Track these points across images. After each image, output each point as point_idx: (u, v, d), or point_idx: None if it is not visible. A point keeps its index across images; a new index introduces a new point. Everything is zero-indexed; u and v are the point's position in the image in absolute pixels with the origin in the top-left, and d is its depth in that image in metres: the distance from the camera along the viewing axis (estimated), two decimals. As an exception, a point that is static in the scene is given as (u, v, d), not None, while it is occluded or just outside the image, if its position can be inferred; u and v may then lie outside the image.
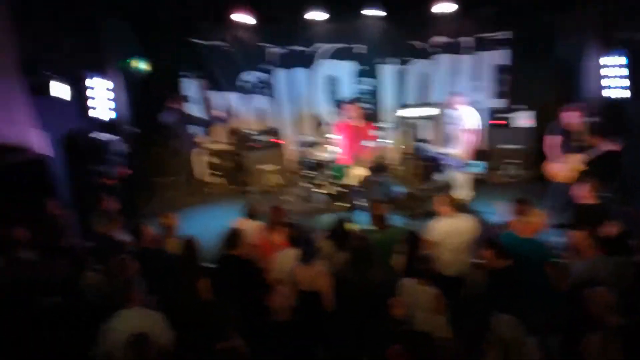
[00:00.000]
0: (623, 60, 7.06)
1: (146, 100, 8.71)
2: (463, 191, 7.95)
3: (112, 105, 7.64)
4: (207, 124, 9.20)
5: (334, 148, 8.12)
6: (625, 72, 7.09)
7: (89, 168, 7.03)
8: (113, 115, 7.67)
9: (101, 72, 7.48)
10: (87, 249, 5.43)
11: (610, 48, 7.20)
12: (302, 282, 4.36)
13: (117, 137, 7.48)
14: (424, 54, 8.92)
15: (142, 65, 8.44)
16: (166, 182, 9.38)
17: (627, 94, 7.17)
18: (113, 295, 4.13)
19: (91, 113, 7.35)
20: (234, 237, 4.75)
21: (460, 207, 5.11)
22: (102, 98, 7.50)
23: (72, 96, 7.05)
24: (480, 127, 7.82)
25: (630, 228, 5.84)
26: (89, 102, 7.31)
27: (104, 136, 7.37)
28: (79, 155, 6.98)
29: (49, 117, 6.45)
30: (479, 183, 8.19)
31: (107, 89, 7.53)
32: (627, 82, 7.11)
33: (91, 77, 7.31)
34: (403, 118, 8.97)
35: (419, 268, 4.23)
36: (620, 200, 7.33)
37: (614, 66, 7.18)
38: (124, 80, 7.87)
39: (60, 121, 6.87)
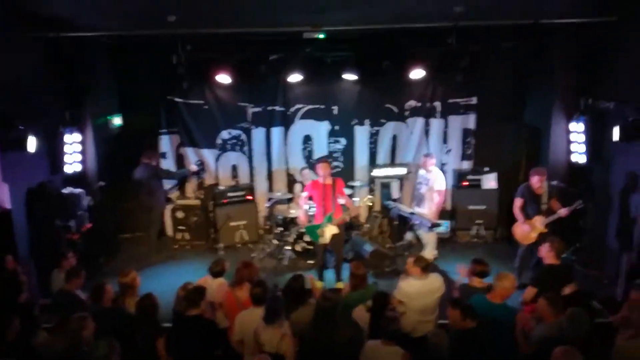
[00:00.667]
0: (582, 127, 7.40)
1: (118, 155, 8.69)
2: (430, 250, 8.05)
3: (80, 158, 7.58)
4: (182, 178, 9.19)
5: (306, 206, 8.19)
6: (583, 138, 7.42)
7: (53, 222, 6.89)
8: (80, 168, 7.60)
9: (77, 127, 7.47)
10: (44, 306, 5.24)
11: (574, 115, 7.54)
12: (266, 344, 4.25)
13: (82, 191, 7.38)
14: (397, 117, 9.20)
15: (117, 121, 8.48)
16: (133, 238, 9.24)
17: (583, 159, 7.47)
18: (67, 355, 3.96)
19: (61, 167, 7.28)
20: (195, 295, 4.61)
21: (429, 267, 5.10)
22: (72, 151, 7.45)
23: (44, 149, 7.03)
24: (445, 188, 8.04)
25: (591, 289, 5.97)
26: (62, 157, 7.26)
27: (70, 190, 7.28)
28: (44, 209, 6.86)
29: (18, 170, 6.39)
30: (445, 242, 8.28)
31: (77, 142, 7.50)
32: (584, 148, 7.43)
33: (68, 132, 7.28)
34: (375, 177, 9.13)
35: (386, 328, 4.17)
36: (582, 262, 7.49)
37: (578, 132, 7.50)
38: (95, 134, 7.85)
39: (29, 174, 6.81)
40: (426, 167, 8.00)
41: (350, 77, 8.43)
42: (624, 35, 6.83)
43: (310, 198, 7.09)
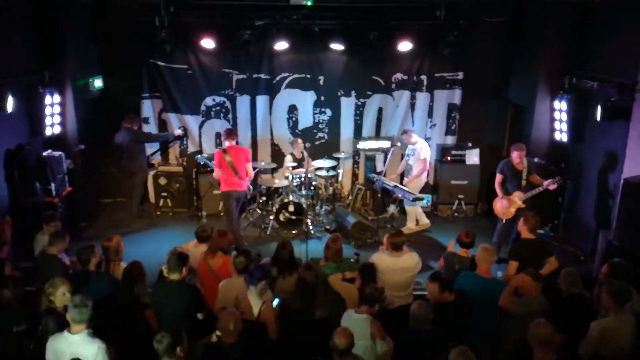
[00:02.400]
0: (565, 105, 7.47)
1: (99, 118, 8.53)
2: (412, 223, 8.17)
3: (59, 120, 7.42)
4: (165, 142, 9.06)
5: (290, 175, 8.19)
6: (565, 117, 7.49)
7: (33, 184, 6.77)
8: (59, 130, 7.44)
9: (57, 88, 7.29)
10: (25, 269, 5.21)
11: (558, 93, 7.60)
12: (246, 311, 4.29)
13: (62, 153, 7.25)
14: (384, 89, 9.16)
15: (98, 84, 8.28)
16: (114, 203, 9.16)
17: (565, 137, 7.57)
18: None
19: (41, 129, 7.12)
20: (177, 260, 4.59)
21: (401, 245, 5.14)
22: (52, 113, 7.28)
23: (23, 110, 6.85)
24: (429, 161, 8.14)
25: (568, 266, 6.11)
26: (41, 119, 7.09)
27: (50, 152, 7.14)
28: (24, 171, 6.73)
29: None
30: (426, 216, 8.39)
31: (57, 104, 7.32)
32: (566, 127, 7.51)
33: (48, 93, 7.10)
34: (360, 150, 9.14)
35: (370, 298, 4.24)
36: (559, 239, 7.67)
37: (561, 111, 7.57)
38: (75, 97, 7.67)
39: (8, 135, 6.66)
40: (409, 142, 8.07)
41: (337, 47, 8.34)
42: (608, 16, 6.84)
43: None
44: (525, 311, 4.22)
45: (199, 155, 8.51)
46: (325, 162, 8.71)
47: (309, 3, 7.42)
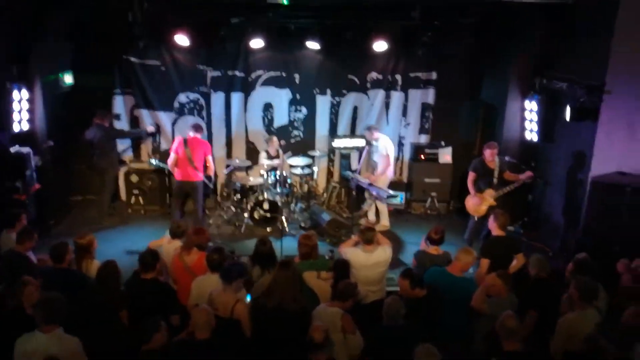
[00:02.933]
0: (536, 106, 7.62)
1: (70, 114, 8.35)
2: (385, 220, 8.25)
3: (28, 116, 7.23)
4: (137, 138, 8.94)
5: (265, 173, 8.16)
6: (536, 117, 7.65)
7: (1, 182, 6.60)
8: (27, 126, 7.26)
9: (25, 83, 7.11)
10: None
11: (529, 93, 7.76)
12: (220, 309, 4.26)
13: (30, 150, 7.07)
14: (360, 88, 9.20)
15: (68, 79, 8.09)
16: (84, 200, 8.98)
17: (535, 137, 7.73)
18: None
19: (8, 125, 6.92)
20: (149, 258, 4.54)
21: (372, 239, 5.17)
22: (19, 109, 7.09)
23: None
24: (396, 159, 8.25)
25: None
26: (9, 114, 6.88)
27: (18, 149, 6.96)
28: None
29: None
30: (400, 213, 8.48)
31: (25, 99, 7.13)
32: (536, 127, 7.67)
33: (16, 88, 6.91)
34: (335, 148, 9.17)
35: (343, 293, 4.26)
36: (529, 236, 7.83)
37: (532, 111, 7.73)
38: (44, 92, 7.48)
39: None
40: (372, 138, 8.17)
41: (313, 45, 8.34)
42: (578, 18, 7.01)
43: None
44: (496, 311, 4.29)
45: (151, 159, 8.41)
46: (300, 160, 8.71)
47: (285, 1, 7.38)
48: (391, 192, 7.88)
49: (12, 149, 6.90)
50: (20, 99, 7.04)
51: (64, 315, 3.75)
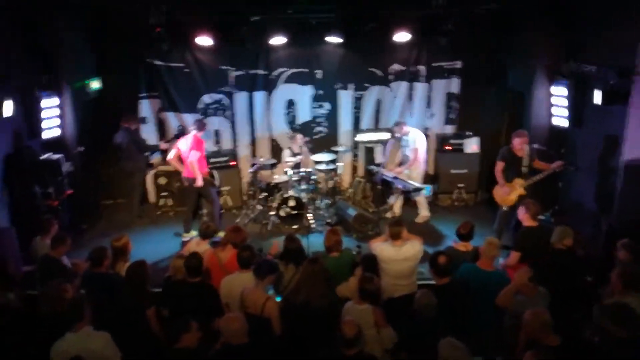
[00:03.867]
0: (565, 91, 7.43)
1: (97, 119, 8.52)
2: (424, 211, 8.18)
3: (58, 122, 7.42)
4: (153, 151, 8.98)
5: (289, 170, 8.19)
6: (565, 102, 7.46)
7: (32, 188, 6.77)
8: (58, 133, 7.44)
9: (54, 90, 7.28)
10: (27, 273, 5.21)
11: (556, 78, 7.57)
12: (250, 307, 4.29)
13: (61, 156, 7.24)
14: (382, 81, 9.13)
15: (96, 85, 8.26)
16: (115, 204, 9.16)
17: (566, 123, 7.54)
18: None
19: (39, 132, 7.11)
20: (195, 262, 4.60)
21: (400, 235, 5.12)
22: (50, 116, 7.28)
23: (21, 114, 6.85)
24: (426, 151, 8.14)
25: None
26: (39, 121, 7.07)
27: (49, 155, 7.14)
28: (22, 175, 6.73)
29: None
30: (430, 206, 8.39)
31: (55, 106, 7.32)
32: (566, 112, 7.48)
33: (45, 96, 7.10)
34: (359, 142, 9.12)
35: (363, 287, 4.25)
36: (561, 225, 7.63)
37: (560, 96, 7.54)
38: (73, 99, 7.66)
39: (6, 139, 6.65)
40: (402, 133, 8.08)
41: (334, 40, 8.29)
42: (605, 0, 6.80)
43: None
44: (523, 309, 4.19)
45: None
46: (325, 156, 8.71)
47: (305, -4, 7.39)
48: (417, 184, 7.80)
49: (44, 156, 7.08)
50: (50, 106, 7.23)
51: (89, 314, 3.86)
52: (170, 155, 7.75)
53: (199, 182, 7.53)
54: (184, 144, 7.60)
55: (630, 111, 6.28)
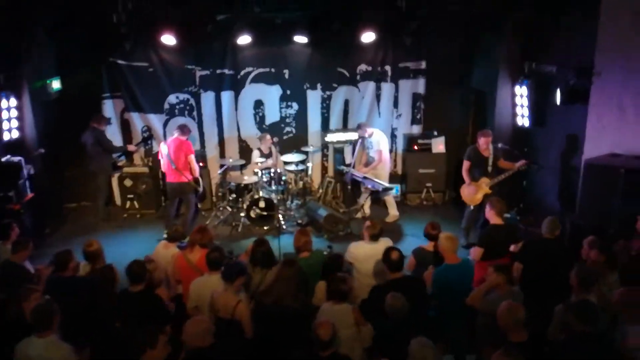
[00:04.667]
0: (527, 91, 7.62)
1: (59, 120, 8.28)
2: (393, 210, 8.25)
3: (17, 124, 7.17)
4: (121, 154, 8.77)
5: (259, 171, 8.14)
6: (526, 102, 7.65)
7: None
8: (17, 135, 7.20)
9: (13, 91, 7.04)
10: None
11: (519, 79, 7.75)
12: (221, 310, 4.24)
13: (22, 158, 7.01)
14: (350, 81, 9.17)
15: (56, 85, 8.01)
16: (79, 207, 8.92)
17: (527, 122, 7.73)
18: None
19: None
20: (137, 270, 4.45)
21: (378, 236, 5.18)
22: (8, 117, 7.03)
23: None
24: (390, 151, 8.29)
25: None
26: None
27: (9, 158, 6.90)
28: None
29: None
30: (398, 205, 8.48)
31: (13, 107, 7.07)
32: (527, 112, 7.67)
33: (4, 97, 6.85)
34: (329, 143, 9.15)
35: (335, 288, 4.25)
36: (526, 222, 7.84)
37: (522, 96, 7.72)
38: (33, 99, 7.42)
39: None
40: (365, 135, 8.13)
41: (301, 39, 8.28)
42: (565, 1, 6.99)
43: None
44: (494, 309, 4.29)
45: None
46: (294, 156, 8.69)
47: (271, -6, 7.35)
48: (386, 184, 7.88)
49: (3, 159, 6.83)
50: (8, 107, 6.98)
51: (57, 321, 3.76)
52: (164, 167, 7.62)
53: (200, 188, 7.64)
54: (166, 150, 7.44)
55: (589, 110, 6.49)
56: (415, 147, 9.07)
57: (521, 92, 7.76)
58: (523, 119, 7.85)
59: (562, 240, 5.39)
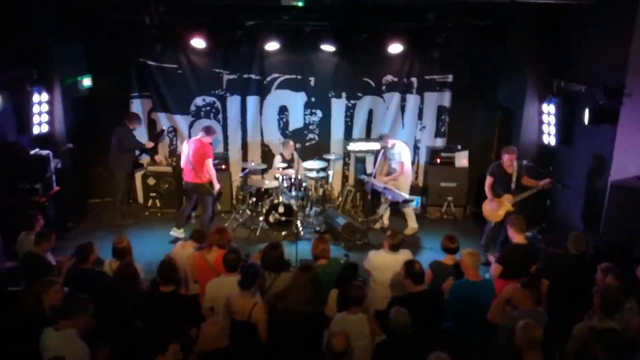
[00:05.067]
0: (554, 109, 7.52)
1: (87, 117, 8.46)
2: (412, 223, 8.19)
3: (47, 118, 7.35)
4: (138, 150, 8.76)
5: (280, 176, 8.18)
6: (554, 120, 7.55)
7: (19, 184, 6.70)
8: (47, 129, 7.37)
9: (45, 86, 7.22)
10: (10, 269, 5.13)
11: (547, 96, 7.67)
12: (237, 312, 4.26)
13: (50, 152, 7.17)
14: (375, 91, 9.18)
15: (87, 82, 8.19)
16: (102, 203, 9.07)
17: (554, 140, 7.62)
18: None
19: (28, 128, 7.03)
20: (166, 271, 4.51)
21: (399, 246, 5.15)
22: (39, 112, 7.21)
23: (11, 108, 6.77)
24: (412, 162, 8.29)
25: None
26: (29, 117, 7.00)
27: (38, 151, 7.07)
28: (10, 170, 6.65)
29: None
30: (416, 218, 8.42)
31: (45, 102, 7.25)
32: (554, 130, 7.57)
33: (36, 92, 7.03)
34: (350, 151, 9.15)
35: (351, 295, 4.23)
36: (547, 242, 7.70)
37: (550, 114, 7.63)
38: (63, 95, 7.60)
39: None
40: (387, 146, 8.11)
41: (328, 48, 8.33)
42: (596, 20, 6.91)
43: None
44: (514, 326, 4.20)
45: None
46: (316, 164, 8.71)
47: (300, 4, 7.42)
48: (407, 196, 7.84)
49: (32, 152, 7.00)
50: (40, 101, 7.16)
51: (81, 319, 3.80)
52: (182, 165, 7.73)
53: (217, 187, 7.70)
54: (187, 148, 7.57)
55: (618, 131, 6.38)
56: (438, 160, 9.01)
57: (548, 110, 7.66)
58: (549, 137, 7.74)
59: (586, 257, 5.31)
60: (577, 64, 7.38)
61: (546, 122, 7.77)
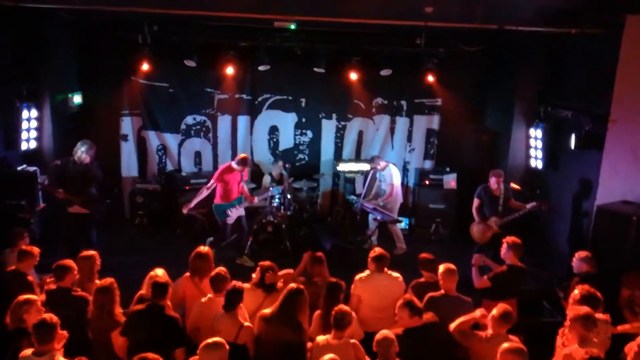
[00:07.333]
0: (540, 133, 7.65)
1: (77, 134, 8.39)
2: (400, 243, 8.19)
3: (35, 135, 7.30)
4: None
5: (269, 195, 8.16)
6: (541, 144, 7.66)
7: (5, 200, 6.61)
8: (35, 145, 7.32)
9: (35, 102, 7.20)
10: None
11: (534, 121, 7.79)
12: (223, 334, 4.21)
13: (37, 169, 7.11)
14: (365, 113, 9.27)
15: (77, 99, 8.17)
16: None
17: (540, 164, 7.72)
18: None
19: (16, 143, 6.98)
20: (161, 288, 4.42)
21: (384, 265, 5.14)
22: (27, 128, 7.17)
23: (0, 124, 6.73)
24: (401, 184, 8.34)
25: (542, 290, 6.19)
26: (18, 133, 6.97)
27: (25, 167, 7.01)
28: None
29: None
30: (404, 239, 8.42)
31: (34, 118, 7.22)
32: (541, 154, 7.68)
33: (25, 108, 7.00)
34: (340, 172, 9.18)
35: (335, 321, 4.16)
36: (534, 264, 7.73)
37: (537, 138, 7.75)
38: (53, 112, 7.57)
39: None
40: (378, 167, 8.14)
41: (319, 70, 8.42)
42: (583, 47, 7.08)
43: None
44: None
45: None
46: (305, 183, 8.72)
47: (292, 26, 7.53)
48: (396, 217, 7.85)
49: (19, 168, 6.94)
50: (29, 117, 7.13)
51: (56, 338, 3.71)
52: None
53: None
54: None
55: (604, 156, 6.48)
56: (427, 182, 9.07)
57: (535, 135, 7.79)
58: (536, 161, 7.86)
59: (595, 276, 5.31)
60: (564, 91, 7.54)
61: (533, 146, 7.89)
